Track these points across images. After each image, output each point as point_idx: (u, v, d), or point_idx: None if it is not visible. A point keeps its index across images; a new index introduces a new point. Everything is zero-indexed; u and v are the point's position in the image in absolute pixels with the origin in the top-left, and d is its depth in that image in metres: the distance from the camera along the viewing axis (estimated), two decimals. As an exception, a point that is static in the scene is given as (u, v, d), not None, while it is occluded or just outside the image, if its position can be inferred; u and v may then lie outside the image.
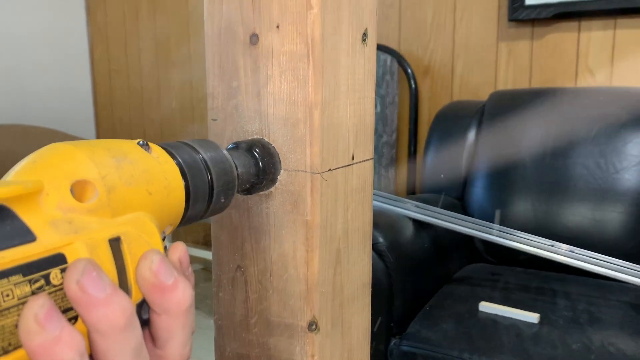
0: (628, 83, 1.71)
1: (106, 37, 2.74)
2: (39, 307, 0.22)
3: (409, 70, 2.00)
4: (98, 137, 2.82)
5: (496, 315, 1.20)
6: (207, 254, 2.23)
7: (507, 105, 1.70)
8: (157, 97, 2.64)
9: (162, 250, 0.28)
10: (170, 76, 2.59)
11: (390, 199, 1.39)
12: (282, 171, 0.39)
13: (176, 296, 0.26)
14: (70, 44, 2.71)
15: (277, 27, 0.38)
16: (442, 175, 1.75)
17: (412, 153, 2.03)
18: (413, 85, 2.00)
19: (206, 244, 2.52)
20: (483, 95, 1.84)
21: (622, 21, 1.71)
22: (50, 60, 2.60)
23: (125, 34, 2.68)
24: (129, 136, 2.72)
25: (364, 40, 0.42)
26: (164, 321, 0.27)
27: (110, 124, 2.79)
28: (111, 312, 0.23)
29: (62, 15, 2.67)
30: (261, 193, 0.40)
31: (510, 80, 1.89)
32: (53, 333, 0.22)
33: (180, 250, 0.29)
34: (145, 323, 0.28)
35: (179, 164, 0.31)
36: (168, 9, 2.54)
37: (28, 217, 0.23)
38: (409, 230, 1.36)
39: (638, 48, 1.70)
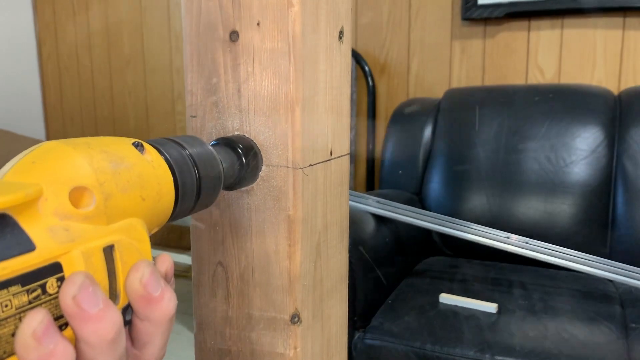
0: (575, 80, 1.79)
1: (55, 33, 2.65)
2: (38, 324, 0.22)
3: (367, 68, 2.02)
4: (48, 136, 2.73)
5: (456, 306, 1.23)
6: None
7: (461, 102, 1.74)
8: (109, 94, 2.57)
9: (150, 257, 0.29)
10: (123, 73, 2.53)
11: (352, 195, 1.41)
12: (263, 167, 0.40)
13: (161, 307, 0.27)
14: (16, 41, 2.61)
15: (258, 24, 0.38)
16: (400, 171, 1.78)
17: (371, 150, 2.05)
18: (370, 83, 2.03)
19: (168, 245, 2.49)
20: (438, 92, 1.88)
21: (568, 21, 1.78)
22: (-4, 58, 2.50)
23: (75, 29, 2.60)
24: (81, 134, 2.64)
25: (340, 38, 0.43)
26: (145, 327, 0.28)
27: (60, 123, 2.70)
28: (102, 327, 0.24)
29: (8, 11, 2.57)
30: (242, 189, 0.41)
31: (463, 78, 1.94)
32: (48, 347, 0.22)
33: (167, 263, 0.30)
34: (127, 323, 0.28)
35: (167, 161, 0.31)
36: (120, 3, 2.49)
37: (28, 225, 0.23)
38: (370, 225, 1.38)
39: (583, 46, 1.77)
